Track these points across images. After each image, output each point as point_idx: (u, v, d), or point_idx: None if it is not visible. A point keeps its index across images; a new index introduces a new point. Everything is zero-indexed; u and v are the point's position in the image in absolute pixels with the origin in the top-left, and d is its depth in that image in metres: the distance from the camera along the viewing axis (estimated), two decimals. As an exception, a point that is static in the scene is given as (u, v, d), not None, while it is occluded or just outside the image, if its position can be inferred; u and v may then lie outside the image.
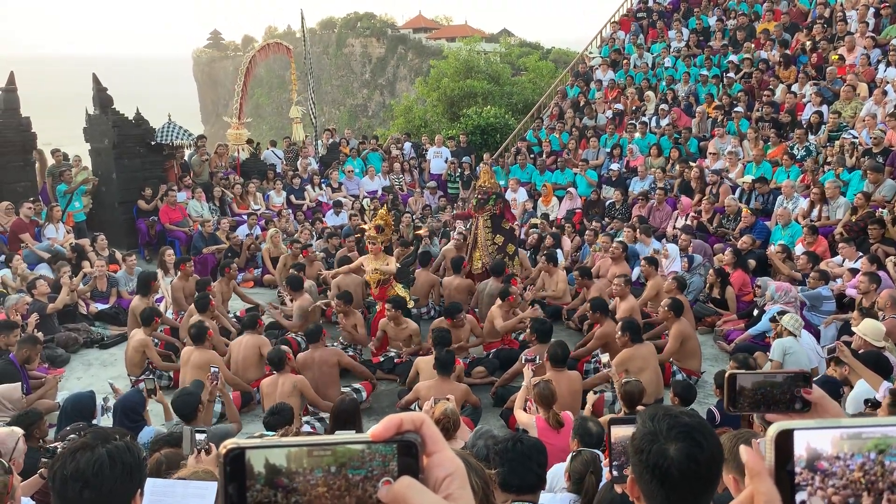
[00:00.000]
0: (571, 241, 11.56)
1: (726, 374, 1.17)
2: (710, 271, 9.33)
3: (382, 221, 8.86)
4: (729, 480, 2.77)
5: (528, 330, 7.52)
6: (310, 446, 0.66)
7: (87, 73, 14.94)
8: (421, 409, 5.73)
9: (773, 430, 0.68)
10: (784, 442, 0.67)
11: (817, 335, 7.78)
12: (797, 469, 0.67)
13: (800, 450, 0.67)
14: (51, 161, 13.28)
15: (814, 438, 0.67)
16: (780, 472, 0.67)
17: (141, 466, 2.00)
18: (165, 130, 13.48)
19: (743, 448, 0.70)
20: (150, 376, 7.78)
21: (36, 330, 8.04)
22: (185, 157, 14.17)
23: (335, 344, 8.16)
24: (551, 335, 7.11)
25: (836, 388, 5.70)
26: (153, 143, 13.40)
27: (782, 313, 7.21)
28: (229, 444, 0.66)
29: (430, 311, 9.80)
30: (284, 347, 7.23)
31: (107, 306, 9.90)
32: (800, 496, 0.67)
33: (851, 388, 5.69)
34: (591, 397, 6.69)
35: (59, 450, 4.18)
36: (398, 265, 9.21)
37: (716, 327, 8.98)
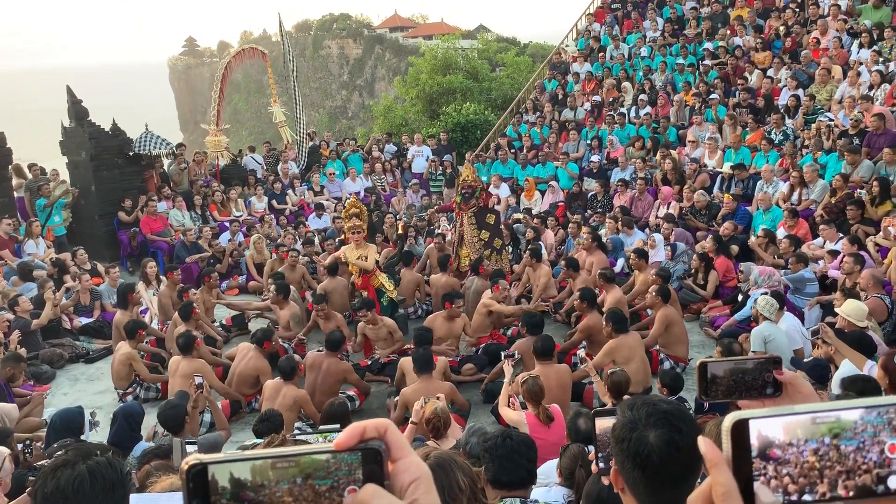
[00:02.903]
0: (555, 235, 11.58)
1: (697, 364, 1.17)
2: (694, 257, 9.40)
3: (357, 209, 8.85)
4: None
5: (519, 324, 7.53)
6: (274, 458, 0.65)
7: (58, 86, 14.80)
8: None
9: (728, 421, 0.67)
10: (741, 432, 0.66)
11: (802, 318, 7.84)
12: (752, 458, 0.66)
13: (752, 439, 0.66)
14: (28, 176, 13.15)
15: (765, 426, 0.66)
16: (740, 463, 0.67)
17: (124, 482, 1.97)
18: (143, 140, 13.37)
19: (700, 439, 0.69)
20: (137, 389, 7.75)
21: (19, 347, 7.96)
22: (165, 167, 14.07)
23: (320, 349, 8.11)
24: (542, 327, 7.12)
25: (825, 372, 5.74)
26: (131, 153, 13.29)
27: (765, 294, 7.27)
28: (191, 459, 0.65)
29: (417, 311, 9.79)
30: (298, 358, 7.16)
31: (91, 320, 9.83)
32: (755, 485, 0.66)
33: (837, 367, 5.74)
34: None
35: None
36: (379, 261, 9.21)
37: (702, 314, 9.05)
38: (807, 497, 0.65)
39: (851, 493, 0.65)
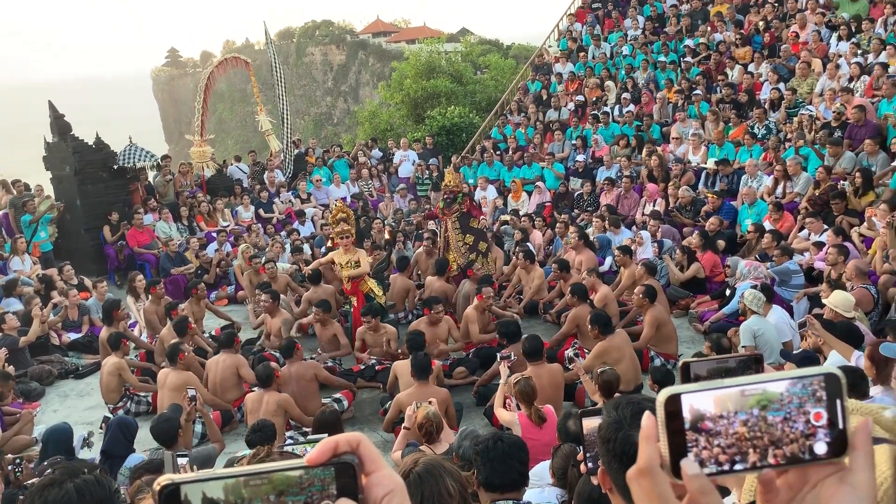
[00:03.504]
0: (543, 235, 11.61)
1: (680, 363, 1.18)
2: (678, 250, 9.46)
3: (343, 214, 8.84)
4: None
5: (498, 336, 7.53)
6: (246, 476, 0.65)
7: (40, 101, 14.73)
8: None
9: (661, 396, 0.70)
10: (673, 406, 0.69)
11: (790, 310, 7.89)
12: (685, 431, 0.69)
13: (685, 412, 0.69)
14: (12, 192, 13.05)
15: (697, 400, 0.69)
16: (673, 435, 0.69)
17: (112, 499, 1.96)
18: (127, 153, 13.31)
19: (646, 414, 0.71)
20: (128, 403, 7.71)
21: (7, 365, 7.90)
22: (150, 179, 14.01)
23: (313, 357, 8.09)
24: (520, 334, 7.11)
25: (814, 363, 5.78)
26: (115, 167, 13.22)
27: (755, 287, 7.31)
28: (163, 480, 0.65)
29: (408, 316, 9.78)
30: (274, 364, 7.16)
31: (80, 335, 9.77)
32: (689, 457, 0.69)
33: (826, 358, 5.78)
34: None
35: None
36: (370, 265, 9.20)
37: (690, 309, 9.08)
38: (738, 466, 0.68)
39: (781, 461, 0.68)
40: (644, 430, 0.70)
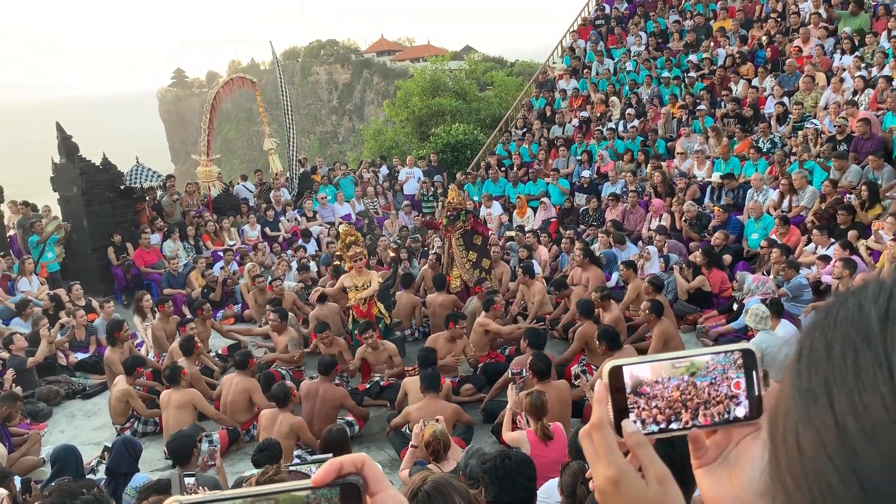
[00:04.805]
0: (549, 251, 11.60)
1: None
2: (683, 265, 9.43)
3: (353, 237, 8.85)
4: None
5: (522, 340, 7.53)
6: (253, 497, 0.65)
7: (47, 119, 14.85)
8: (411, 431, 5.69)
9: (606, 368, 0.80)
10: (616, 376, 0.79)
11: (798, 325, 7.84)
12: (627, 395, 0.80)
13: (626, 379, 0.79)
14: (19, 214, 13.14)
15: (636, 369, 0.79)
16: (617, 399, 0.79)
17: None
18: (134, 173, 13.39)
19: (598, 381, 0.81)
20: (135, 423, 7.71)
21: (14, 385, 7.91)
22: (157, 198, 14.08)
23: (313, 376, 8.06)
24: (545, 343, 7.13)
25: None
26: (122, 187, 13.30)
27: (764, 301, 7.29)
28: (171, 501, 0.65)
29: (414, 333, 9.77)
30: (290, 384, 7.13)
31: (87, 355, 9.78)
32: (631, 417, 0.79)
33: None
34: None
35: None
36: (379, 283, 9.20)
37: (698, 324, 9.04)
38: (674, 425, 0.79)
39: (710, 421, 0.79)
40: (596, 395, 0.80)
